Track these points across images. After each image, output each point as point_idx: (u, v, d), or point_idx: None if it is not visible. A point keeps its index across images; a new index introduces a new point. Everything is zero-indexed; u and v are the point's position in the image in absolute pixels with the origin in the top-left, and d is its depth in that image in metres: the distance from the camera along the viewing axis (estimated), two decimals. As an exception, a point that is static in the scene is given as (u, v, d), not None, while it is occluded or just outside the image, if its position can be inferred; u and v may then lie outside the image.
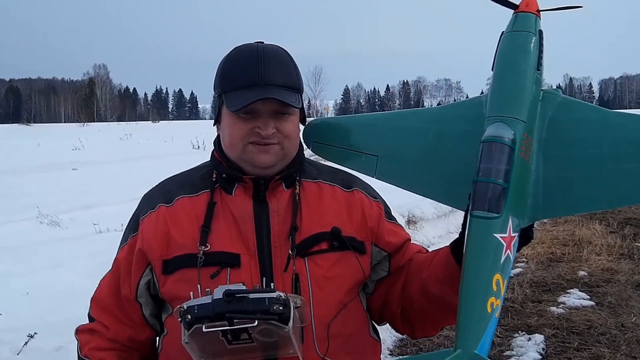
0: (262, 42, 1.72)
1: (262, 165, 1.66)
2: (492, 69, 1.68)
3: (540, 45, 1.69)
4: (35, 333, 3.89)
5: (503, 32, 1.72)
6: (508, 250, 1.42)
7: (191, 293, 1.46)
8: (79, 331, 1.75)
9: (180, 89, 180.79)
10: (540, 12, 1.74)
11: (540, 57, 1.68)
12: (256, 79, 1.62)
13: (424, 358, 1.28)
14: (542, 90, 1.65)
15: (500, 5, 1.80)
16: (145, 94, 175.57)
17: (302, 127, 1.82)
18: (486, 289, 1.36)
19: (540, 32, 1.71)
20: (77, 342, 1.74)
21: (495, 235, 1.41)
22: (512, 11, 1.75)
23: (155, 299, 1.70)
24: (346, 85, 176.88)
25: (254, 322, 1.36)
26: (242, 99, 1.60)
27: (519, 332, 5.26)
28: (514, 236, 1.45)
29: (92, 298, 1.76)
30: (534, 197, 1.52)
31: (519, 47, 1.67)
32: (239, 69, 1.66)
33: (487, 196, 1.45)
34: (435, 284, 1.63)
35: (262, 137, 1.63)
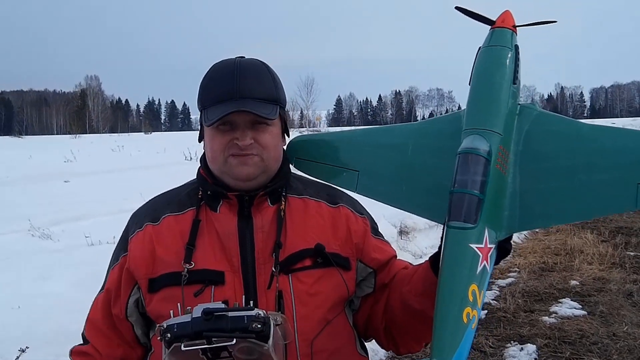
0: (243, 57, 1.73)
1: (242, 177, 1.66)
2: (469, 84, 1.71)
3: (517, 59, 1.72)
4: (27, 347, 3.86)
5: (480, 47, 1.75)
6: (484, 262, 1.43)
7: (171, 312, 1.46)
8: (73, 352, 1.76)
9: (172, 100, 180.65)
10: (517, 28, 1.77)
11: (516, 72, 1.70)
12: (231, 92, 1.63)
13: None
14: (519, 104, 1.68)
15: (477, 22, 1.83)
16: (138, 105, 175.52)
17: (286, 139, 1.83)
18: (462, 299, 1.36)
19: (517, 47, 1.73)
20: None
21: (471, 245, 1.42)
22: (489, 27, 1.77)
23: (145, 317, 1.71)
24: (338, 95, 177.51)
25: (233, 340, 1.37)
26: (217, 112, 1.62)
27: (511, 342, 5.27)
28: (491, 247, 1.46)
29: (87, 319, 1.77)
30: (510, 209, 1.54)
31: (495, 62, 1.69)
32: (215, 84, 1.68)
33: (463, 207, 1.46)
34: (416, 298, 1.63)
35: (240, 148, 1.63)
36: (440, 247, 1.52)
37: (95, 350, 1.73)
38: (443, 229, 1.51)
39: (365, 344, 1.84)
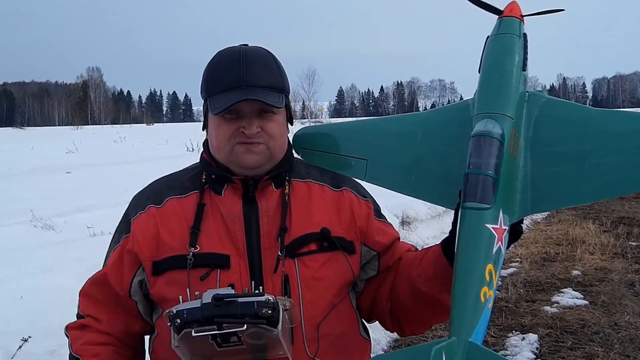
0: (247, 45, 1.73)
1: (249, 165, 1.66)
2: (479, 71, 1.72)
3: (525, 47, 1.73)
4: (29, 337, 3.87)
5: (488, 36, 1.76)
6: (499, 242, 1.44)
7: (180, 297, 1.46)
8: (69, 328, 1.74)
9: (174, 92, 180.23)
10: (524, 17, 1.78)
11: (525, 59, 1.72)
12: (238, 80, 1.63)
13: (420, 348, 1.28)
14: (527, 92, 1.69)
15: (485, 11, 1.85)
16: (140, 97, 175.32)
17: (290, 127, 1.82)
18: (479, 279, 1.37)
19: (525, 35, 1.75)
20: (67, 340, 1.72)
21: (487, 225, 1.43)
22: (497, 17, 1.79)
23: (148, 298, 1.70)
24: (340, 87, 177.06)
25: (243, 326, 1.37)
26: (224, 100, 1.61)
27: (513, 331, 5.28)
28: (505, 229, 1.47)
29: (80, 292, 1.75)
30: (522, 193, 1.55)
31: (505, 49, 1.71)
32: (220, 72, 1.67)
33: (479, 188, 1.47)
34: (425, 282, 1.64)
35: (247, 136, 1.63)
36: (451, 232, 1.53)
37: (94, 320, 1.70)
38: (455, 214, 1.52)
39: (370, 334, 1.85)
